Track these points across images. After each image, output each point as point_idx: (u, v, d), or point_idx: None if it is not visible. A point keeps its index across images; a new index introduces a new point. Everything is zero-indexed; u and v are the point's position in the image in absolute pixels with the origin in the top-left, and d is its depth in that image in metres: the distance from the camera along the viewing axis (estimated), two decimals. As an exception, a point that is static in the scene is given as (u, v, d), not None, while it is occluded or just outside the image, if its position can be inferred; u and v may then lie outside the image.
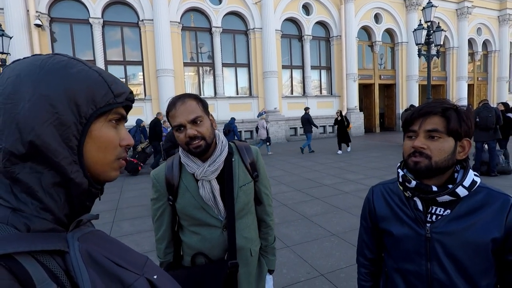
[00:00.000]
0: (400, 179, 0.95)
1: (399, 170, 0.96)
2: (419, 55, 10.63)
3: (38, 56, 0.48)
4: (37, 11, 10.41)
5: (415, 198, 0.94)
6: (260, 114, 11.22)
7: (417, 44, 10.40)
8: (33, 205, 0.44)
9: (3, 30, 8.28)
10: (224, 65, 13.72)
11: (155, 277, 0.50)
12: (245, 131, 13.75)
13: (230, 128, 10.10)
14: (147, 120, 11.74)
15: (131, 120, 9.53)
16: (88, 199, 0.50)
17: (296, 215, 4.41)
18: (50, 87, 0.45)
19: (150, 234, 3.90)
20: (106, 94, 0.49)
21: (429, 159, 0.87)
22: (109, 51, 12.09)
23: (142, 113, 12.09)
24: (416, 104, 16.39)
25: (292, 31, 15.04)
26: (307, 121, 10.68)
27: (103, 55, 11.78)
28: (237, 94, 14.26)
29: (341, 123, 10.51)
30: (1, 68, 8.69)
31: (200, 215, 1.18)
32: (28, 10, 10.23)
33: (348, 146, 10.64)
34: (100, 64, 11.60)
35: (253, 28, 13.70)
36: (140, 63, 12.45)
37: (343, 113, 12.12)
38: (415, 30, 10.33)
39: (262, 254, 1.37)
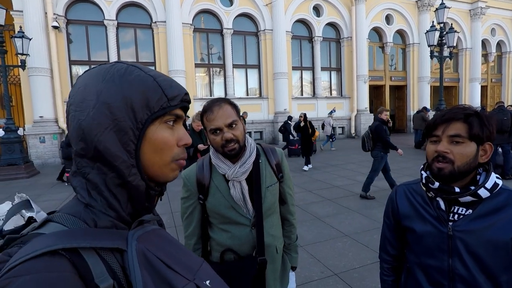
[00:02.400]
0: (424, 181, 1.00)
1: (423, 172, 1.02)
2: (431, 56, 10.54)
3: (103, 65, 0.52)
4: (54, 14, 10.68)
5: (437, 198, 0.99)
6: (330, 112, 12.09)
7: (429, 46, 10.31)
8: (101, 202, 0.48)
9: (23, 32, 8.53)
10: (235, 66, 13.81)
11: (207, 282, 0.52)
12: (254, 131, 13.81)
13: (287, 126, 10.64)
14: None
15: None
16: (147, 200, 0.52)
17: (308, 216, 4.45)
18: (110, 95, 0.48)
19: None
20: (160, 99, 0.50)
21: (452, 164, 0.92)
22: (122, 52, 12.32)
23: (154, 113, 12.26)
24: (429, 106, 16.21)
25: (303, 32, 15.04)
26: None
27: (117, 56, 12.01)
28: (247, 95, 14.34)
29: (305, 129, 8.24)
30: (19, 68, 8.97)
31: (230, 213, 1.25)
32: (46, 13, 10.51)
33: (307, 163, 7.90)
34: (114, 65, 11.82)
35: (264, 30, 13.76)
36: (153, 64, 12.64)
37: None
38: (427, 31, 10.25)
39: (286, 251, 1.44)
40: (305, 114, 8.77)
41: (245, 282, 1.20)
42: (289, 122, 10.89)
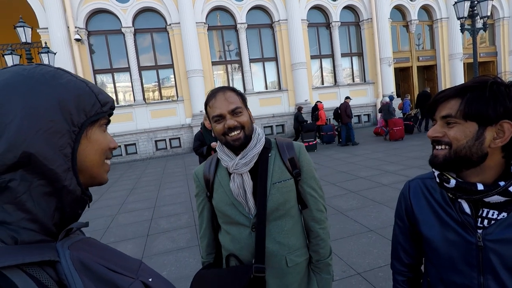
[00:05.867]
0: (437, 179, 0.79)
1: (434, 169, 0.81)
2: (462, 30, 9.69)
3: (21, 66, 0.48)
4: (76, 27, 11.13)
5: (459, 200, 0.78)
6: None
7: (459, 19, 9.50)
8: (20, 216, 0.43)
9: (48, 47, 8.98)
10: (252, 60, 13.66)
11: (150, 280, 0.51)
12: (276, 125, 13.62)
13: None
14: (180, 121, 12.29)
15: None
16: (79, 207, 0.51)
17: (330, 210, 4.24)
18: (43, 96, 0.45)
19: (187, 231, 3.99)
20: (95, 104, 0.52)
21: (450, 147, 0.74)
22: (141, 57, 12.60)
23: (176, 114, 12.49)
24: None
25: (319, 19, 14.52)
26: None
27: (137, 62, 12.31)
28: (266, 88, 14.14)
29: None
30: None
31: (230, 211, 1.11)
32: (68, 27, 10.98)
33: None
34: (135, 70, 12.16)
35: (278, 20, 13.45)
36: (171, 66, 12.82)
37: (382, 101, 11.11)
38: (456, 2, 9.43)
39: (314, 270, 1.19)
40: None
41: None
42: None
